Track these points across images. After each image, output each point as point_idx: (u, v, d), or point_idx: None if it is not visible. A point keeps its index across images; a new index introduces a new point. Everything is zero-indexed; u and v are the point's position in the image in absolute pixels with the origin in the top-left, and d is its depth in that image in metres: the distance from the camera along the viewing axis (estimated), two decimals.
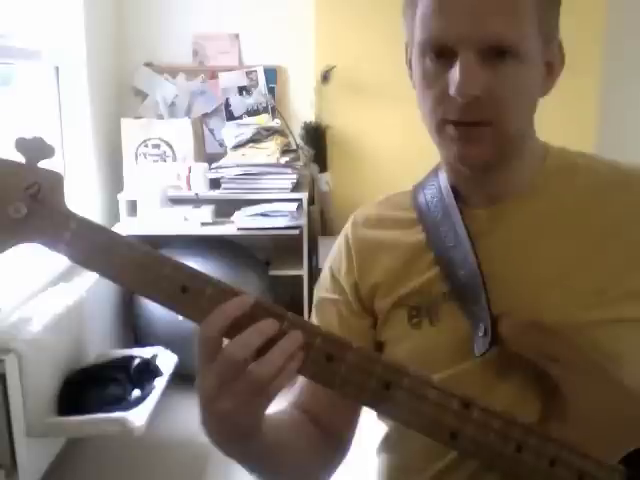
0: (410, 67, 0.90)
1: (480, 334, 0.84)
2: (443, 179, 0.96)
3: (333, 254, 1.04)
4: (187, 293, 0.75)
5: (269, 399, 0.73)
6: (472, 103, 0.79)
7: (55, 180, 0.78)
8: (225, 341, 0.73)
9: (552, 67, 0.87)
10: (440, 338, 0.90)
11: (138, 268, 0.76)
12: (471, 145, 0.83)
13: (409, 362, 0.93)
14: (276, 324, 0.73)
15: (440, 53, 0.80)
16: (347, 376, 0.75)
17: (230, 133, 3.53)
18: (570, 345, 0.82)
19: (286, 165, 3.43)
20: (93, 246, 0.77)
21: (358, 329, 0.98)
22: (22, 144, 0.77)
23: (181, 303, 0.76)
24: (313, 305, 1.06)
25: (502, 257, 0.89)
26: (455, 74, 0.78)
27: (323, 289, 1.04)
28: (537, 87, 0.86)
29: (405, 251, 0.95)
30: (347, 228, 1.04)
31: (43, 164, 0.79)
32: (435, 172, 0.99)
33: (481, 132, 0.82)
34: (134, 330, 3.42)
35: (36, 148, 0.78)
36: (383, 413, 0.80)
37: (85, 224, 0.77)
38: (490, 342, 0.83)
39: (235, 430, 0.74)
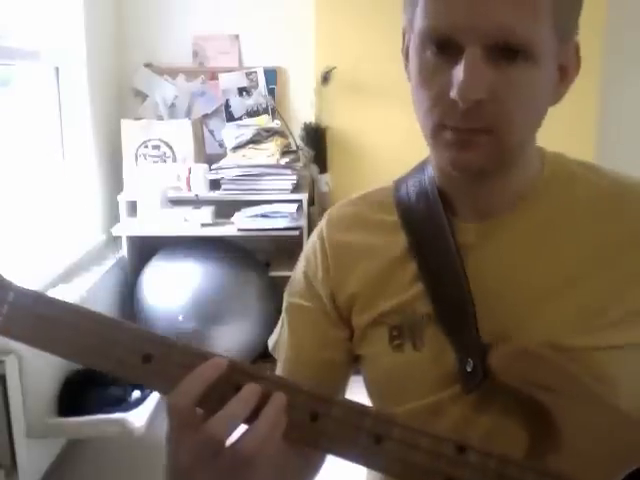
0: (407, 57, 0.81)
1: (469, 369, 0.79)
2: (431, 180, 0.88)
3: (307, 255, 0.95)
4: (150, 362, 0.67)
5: (256, 471, 0.65)
6: (474, 108, 0.71)
7: None
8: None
9: (566, 72, 0.78)
10: (424, 365, 0.84)
11: (90, 338, 0.67)
12: (466, 151, 0.75)
13: (386, 384, 0.89)
14: (259, 389, 0.66)
15: (443, 47, 0.72)
16: (335, 434, 0.69)
17: (230, 134, 3.53)
18: (564, 373, 0.78)
19: (286, 166, 3.43)
20: (36, 318, 0.67)
21: (334, 340, 0.92)
22: None
23: (144, 374, 0.67)
24: (283, 309, 0.97)
25: (491, 274, 0.82)
26: (459, 73, 0.70)
27: (296, 294, 0.95)
28: (548, 94, 0.77)
29: (384, 260, 0.88)
30: (322, 227, 0.95)
31: None
32: (422, 169, 0.91)
33: (479, 139, 0.74)
34: None
35: None
36: (374, 468, 0.74)
37: (25, 294, 0.69)
38: (481, 377, 0.78)
39: None
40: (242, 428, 0.66)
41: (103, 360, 0.68)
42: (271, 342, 1.01)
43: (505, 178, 0.83)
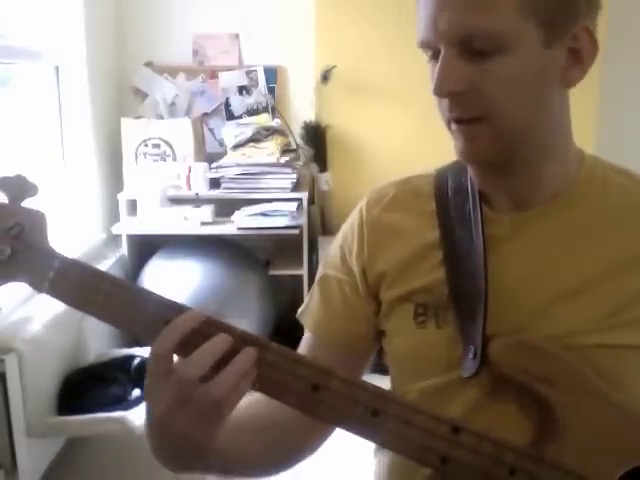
0: None
1: (470, 356, 0.82)
2: (471, 174, 0.92)
3: (345, 232, 1.01)
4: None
5: (223, 417, 0.72)
6: (459, 100, 0.79)
7: (38, 219, 0.79)
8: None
9: (579, 55, 0.80)
10: (443, 344, 0.87)
11: (121, 304, 0.76)
12: (469, 142, 0.82)
13: (406, 359, 0.93)
14: (229, 339, 0.73)
15: (434, 55, 0.80)
16: (333, 405, 0.75)
17: (230, 133, 3.53)
18: (564, 366, 0.80)
19: (286, 165, 3.43)
20: (77, 284, 0.77)
21: (361, 314, 0.96)
22: (4, 183, 0.77)
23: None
24: (316, 279, 1.03)
25: (515, 267, 0.86)
26: (435, 73, 0.79)
27: (330, 266, 1.00)
28: (541, 77, 0.80)
29: (416, 244, 0.92)
30: (362, 205, 1.00)
31: (26, 202, 0.79)
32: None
33: (476, 129, 0.80)
34: None
35: (18, 187, 0.78)
36: (371, 440, 0.79)
37: (68, 263, 0.78)
38: (478, 366, 0.81)
39: (189, 448, 0.74)
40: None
41: (131, 324, 0.76)
42: (300, 309, 1.04)
43: (537, 173, 0.86)
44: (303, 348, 1.00)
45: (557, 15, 0.78)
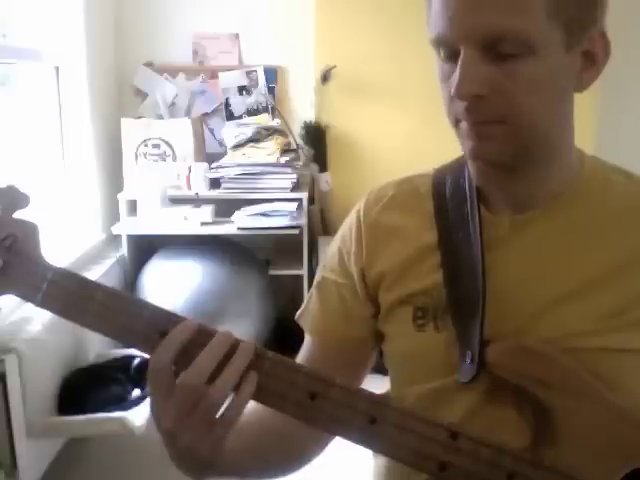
0: None
1: (467, 361, 0.82)
2: (469, 174, 0.90)
3: (343, 233, 0.99)
4: (165, 337, 0.75)
5: (227, 428, 0.73)
6: (478, 102, 0.76)
7: (30, 230, 0.78)
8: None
9: (594, 58, 0.80)
10: (441, 348, 0.86)
11: (115, 314, 0.75)
12: (483, 141, 0.79)
13: (404, 362, 0.93)
14: (227, 340, 0.73)
15: (450, 53, 0.77)
16: (331, 412, 0.74)
17: (230, 133, 3.53)
18: (562, 369, 0.79)
19: (286, 165, 3.43)
20: (70, 295, 0.76)
21: (359, 316, 0.96)
22: None
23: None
24: (315, 282, 1.02)
25: (514, 268, 0.85)
26: (455, 74, 0.75)
27: (329, 269, 0.99)
28: (562, 80, 0.79)
29: (414, 245, 0.91)
30: (360, 206, 0.99)
31: (19, 213, 0.78)
32: (462, 162, 0.93)
33: (492, 130, 0.78)
34: None
35: (10, 198, 0.77)
36: (369, 447, 0.78)
37: (61, 274, 0.77)
38: (476, 371, 0.81)
39: (197, 461, 0.75)
40: None
41: (127, 334, 0.75)
42: (298, 312, 1.04)
43: (541, 174, 0.85)
44: (303, 351, 1.00)
45: (579, 18, 0.77)
